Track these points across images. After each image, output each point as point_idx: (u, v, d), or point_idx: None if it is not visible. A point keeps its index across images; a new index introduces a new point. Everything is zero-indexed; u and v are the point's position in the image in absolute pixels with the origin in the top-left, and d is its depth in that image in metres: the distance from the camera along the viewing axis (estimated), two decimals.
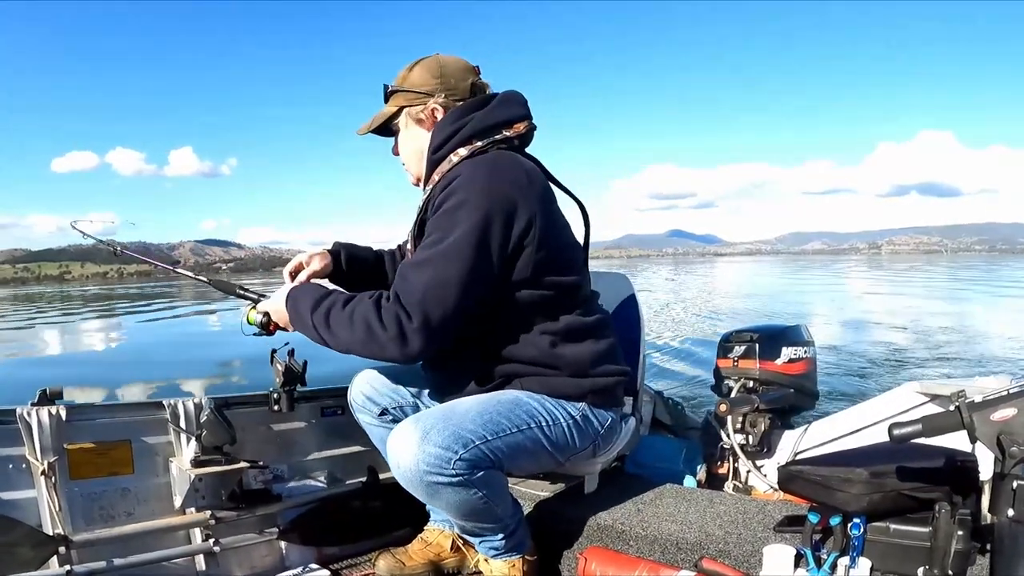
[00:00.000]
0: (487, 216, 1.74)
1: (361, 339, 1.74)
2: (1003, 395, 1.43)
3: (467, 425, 1.74)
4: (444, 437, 1.69)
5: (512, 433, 1.80)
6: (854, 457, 1.92)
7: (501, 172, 1.82)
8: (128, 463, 2.14)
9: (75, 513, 2.01)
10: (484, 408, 1.81)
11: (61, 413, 1.99)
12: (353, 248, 2.28)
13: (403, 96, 2.00)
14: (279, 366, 2.31)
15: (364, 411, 2.20)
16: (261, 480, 2.33)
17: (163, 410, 2.20)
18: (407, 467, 1.69)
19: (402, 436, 1.71)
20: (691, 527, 2.03)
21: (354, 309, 1.77)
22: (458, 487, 1.71)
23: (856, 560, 1.66)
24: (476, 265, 1.73)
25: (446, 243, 1.73)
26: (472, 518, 1.85)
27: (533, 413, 1.87)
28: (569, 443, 1.94)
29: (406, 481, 1.73)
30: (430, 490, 1.72)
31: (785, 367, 3.02)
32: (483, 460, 1.74)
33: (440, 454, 1.67)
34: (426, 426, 1.71)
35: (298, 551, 2.35)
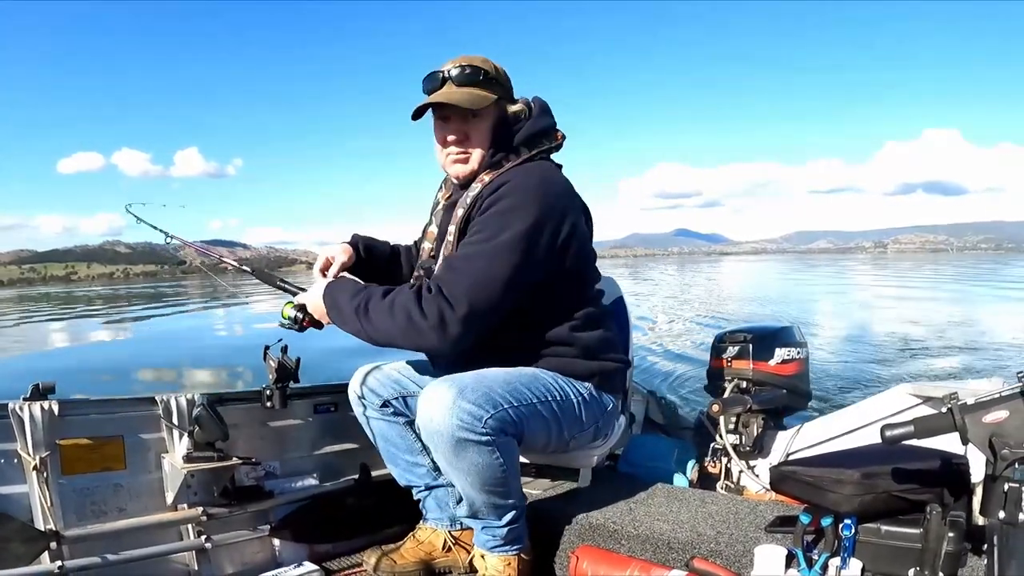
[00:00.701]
0: (538, 222, 1.84)
1: (401, 327, 1.79)
2: (995, 398, 1.43)
3: (496, 389, 1.82)
4: (477, 396, 1.76)
5: (532, 403, 1.89)
6: (846, 458, 1.92)
7: (551, 182, 1.96)
8: (120, 459, 2.13)
9: (67, 509, 2.00)
10: (510, 377, 1.91)
11: (53, 408, 1.98)
12: (370, 240, 2.33)
13: (502, 88, 2.03)
14: (272, 363, 2.31)
15: (366, 403, 2.20)
16: (253, 477, 2.33)
17: (156, 406, 2.19)
18: (440, 422, 1.74)
19: (436, 392, 1.78)
20: (683, 527, 2.04)
21: (394, 299, 1.82)
22: (484, 447, 1.77)
23: (847, 561, 1.67)
24: (522, 266, 1.82)
25: (497, 241, 1.81)
26: (487, 488, 1.87)
27: (549, 387, 1.97)
28: (577, 420, 2.04)
29: (436, 436, 1.77)
30: (458, 448, 1.76)
31: (778, 368, 3.02)
32: (508, 425, 1.81)
33: (474, 411, 1.74)
34: (461, 384, 1.78)
35: (290, 548, 2.35)
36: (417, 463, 2.20)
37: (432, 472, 2.20)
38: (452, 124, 2.00)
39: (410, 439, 2.19)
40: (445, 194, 2.19)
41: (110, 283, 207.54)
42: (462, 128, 2.00)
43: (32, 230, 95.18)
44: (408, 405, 2.16)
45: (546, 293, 1.94)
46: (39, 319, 28.06)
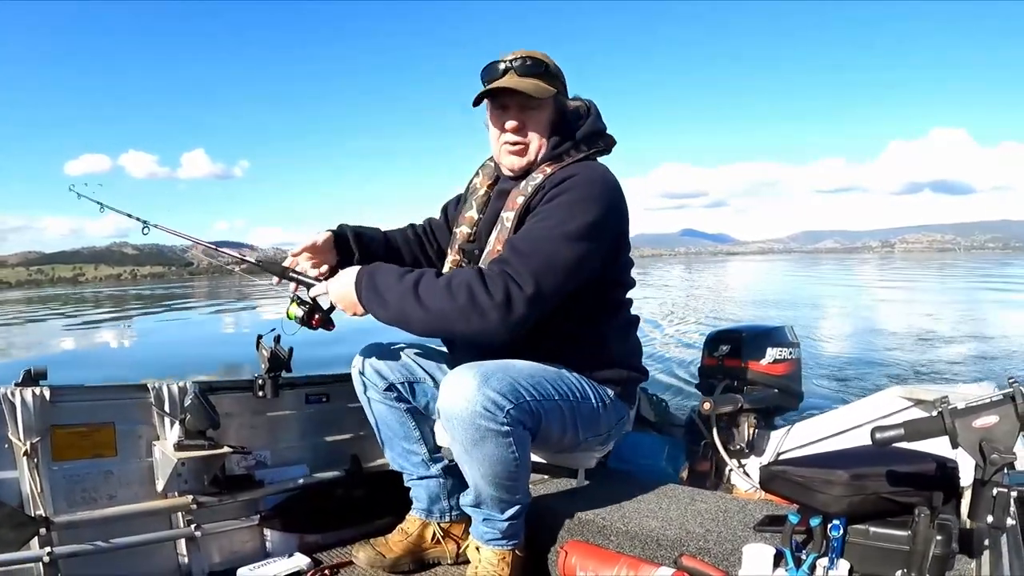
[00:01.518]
0: (604, 215, 1.87)
1: (461, 307, 1.73)
2: (986, 402, 1.44)
3: (521, 380, 1.80)
4: (503, 385, 1.75)
5: (554, 399, 1.88)
6: (836, 459, 1.93)
7: (611, 183, 1.96)
8: (111, 445, 2.13)
9: (57, 495, 2.00)
10: (535, 371, 1.89)
11: (45, 394, 1.98)
12: (360, 228, 2.27)
13: (559, 83, 2.04)
14: (265, 352, 2.31)
15: (370, 385, 2.17)
16: (244, 466, 2.34)
17: (147, 393, 2.19)
18: (462, 407, 1.72)
19: (461, 377, 1.75)
20: (672, 524, 2.04)
21: (451, 278, 1.80)
22: (502, 439, 1.76)
23: (835, 561, 1.67)
24: (586, 255, 1.84)
25: (565, 229, 1.82)
26: (498, 480, 1.86)
27: (573, 387, 1.96)
28: (594, 424, 2.04)
29: (457, 420, 1.75)
30: (477, 435, 1.75)
31: (770, 367, 3.03)
32: (528, 418, 1.80)
33: (497, 400, 1.72)
34: (486, 372, 1.76)
35: (279, 537, 2.35)
36: (413, 451, 2.20)
37: (426, 463, 2.21)
38: (511, 112, 2.00)
39: (409, 426, 2.18)
40: (485, 181, 2.18)
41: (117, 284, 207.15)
42: (520, 117, 2.00)
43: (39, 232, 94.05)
44: (414, 391, 2.15)
45: (588, 293, 1.94)
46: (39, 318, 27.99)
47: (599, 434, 2.10)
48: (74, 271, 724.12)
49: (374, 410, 2.20)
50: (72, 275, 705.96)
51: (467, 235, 2.15)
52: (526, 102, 1.97)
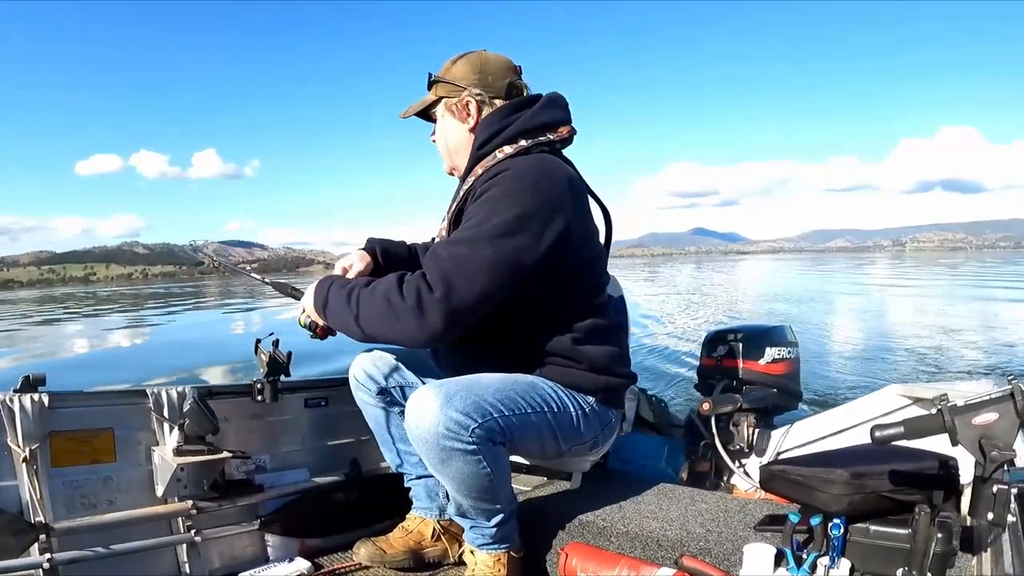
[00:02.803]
0: (528, 211, 1.79)
1: (379, 311, 1.75)
2: (985, 400, 1.44)
3: (487, 397, 1.77)
4: (466, 404, 1.72)
5: (526, 412, 1.85)
6: (835, 458, 1.93)
7: (546, 174, 1.88)
8: (110, 451, 2.12)
9: (56, 501, 1.99)
10: (504, 384, 1.85)
11: (44, 400, 1.98)
12: (387, 243, 2.30)
13: (443, 87, 2.06)
14: (263, 356, 2.31)
15: (363, 389, 2.20)
16: (243, 470, 2.33)
17: (146, 398, 2.19)
18: (426, 429, 1.71)
19: (424, 398, 1.74)
20: (672, 524, 2.04)
21: (376, 285, 1.80)
22: (470, 456, 1.74)
23: (836, 560, 1.67)
24: (508, 253, 1.76)
25: (482, 227, 1.78)
26: (473, 495, 1.86)
27: (547, 398, 1.92)
28: (574, 433, 2.00)
29: (422, 442, 1.75)
30: (443, 455, 1.74)
31: (768, 367, 3.03)
32: (497, 434, 1.78)
33: (461, 420, 1.70)
34: (449, 391, 1.74)
35: (280, 542, 2.34)
36: (410, 452, 2.20)
37: (424, 463, 2.20)
38: (435, 125, 2.13)
39: (404, 428, 2.17)
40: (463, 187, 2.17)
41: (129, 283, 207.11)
42: (434, 129, 2.14)
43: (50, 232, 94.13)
44: (405, 395, 2.14)
45: (546, 298, 1.90)
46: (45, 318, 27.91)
47: (583, 442, 2.06)
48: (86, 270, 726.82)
49: (370, 413, 2.23)
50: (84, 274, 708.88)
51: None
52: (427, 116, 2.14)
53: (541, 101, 2.04)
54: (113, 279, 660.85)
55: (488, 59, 2.05)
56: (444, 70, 2.06)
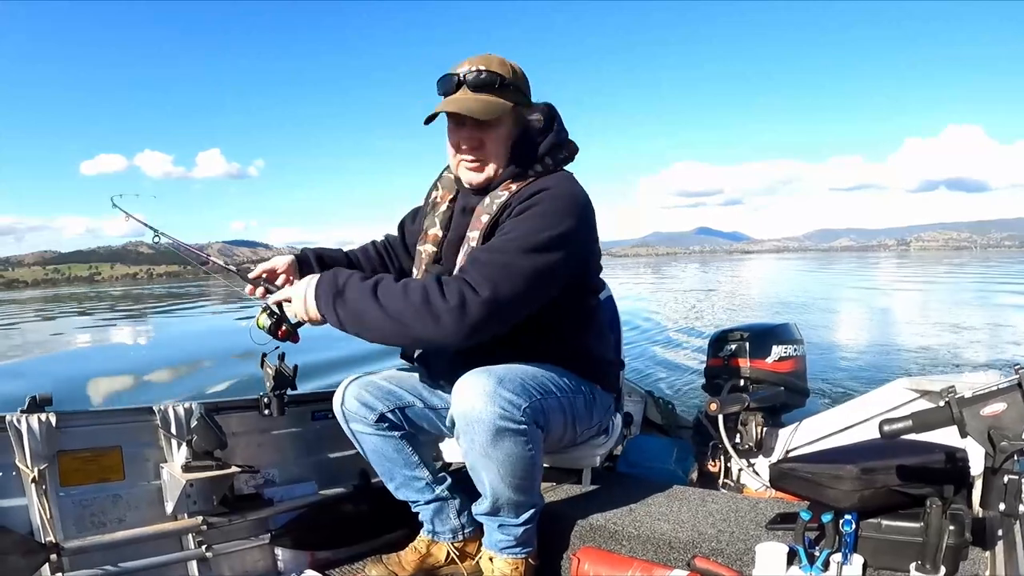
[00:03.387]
0: (567, 230, 1.82)
1: (415, 308, 1.67)
2: (992, 390, 1.44)
3: (528, 380, 1.84)
4: (516, 386, 1.78)
5: (555, 395, 1.92)
6: (844, 454, 1.92)
7: (579, 195, 1.92)
8: (119, 469, 2.12)
9: (66, 520, 1.99)
10: (536, 371, 1.92)
11: (51, 420, 1.98)
12: (322, 250, 2.26)
13: (519, 94, 1.96)
14: (269, 370, 2.31)
15: (358, 419, 2.12)
16: (252, 485, 2.33)
17: (153, 416, 2.19)
18: (481, 409, 1.74)
19: (475, 381, 1.77)
20: (683, 526, 2.04)
21: (408, 282, 1.76)
22: (520, 437, 1.78)
23: (848, 556, 1.67)
24: (549, 267, 1.79)
25: (529, 240, 1.78)
26: (516, 482, 1.87)
27: (565, 383, 1.99)
28: (587, 416, 2.09)
29: (476, 423, 1.76)
30: (496, 436, 1.76)
31: (775, 365, 3.03)
32: (539, 416, 1.83)
33: (513, 400, 1.75)
34: (498, 374, 1.78)
35: (290, 556, 2.34)
36: (416, 476, 2.17)
37: (431, 485, 2.18)
38: (466, 130, 1.93)
39: (407, 452, 2.15)
40: (446, 195, 2.14)
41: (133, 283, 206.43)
42: (476, 135, 1.93)
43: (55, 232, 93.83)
44: (407, 417, 2.13)
45: (561, 300, 1.92)
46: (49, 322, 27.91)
47: (592, 425, 2.15)
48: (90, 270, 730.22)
49: (368, 443, 2.16)
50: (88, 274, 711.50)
51: (432, 254, 2.10)
52: (465, 123, 1.93)
53: (557, 120, 2.04)
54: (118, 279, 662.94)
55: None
56: (508, 72, 1.93)
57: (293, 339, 1.97)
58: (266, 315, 1.94)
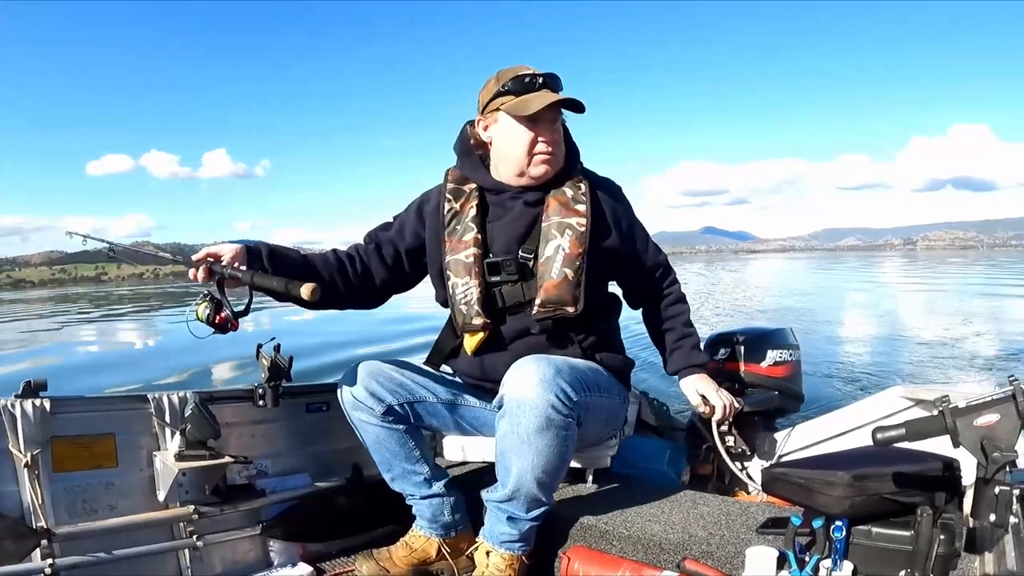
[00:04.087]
0: None
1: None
2: (986, 401, 1.44)
3: (580, 376, 1.89)
4: (573, 378, 1.83)
5: (599, 394, 2.00)
6: (837, 460, 1.92)
7: None
8: (112, 456, 2.13)
9: (58, 506, 2.00)
10: (587, 367, 2.02)
11: (45, 405, 1.98)
12: (276, 247, 2.12)
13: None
14: (265, 361, 2.31)
15: (364, 409, 2.12)
16: (245, 475, 2.33)
17: (147, 404, 2.19)
18: (536, 394, 1.78)
19: (535, 367, 1.82)
20: (674, 528, 2.04)
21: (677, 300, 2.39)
22: (563, 430, 1.82)
23: (838, 563, 1.67)
24: None
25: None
26: (544, 473, 1.88)
27: (606, 383, 2.08)
28: (617, 417, 2.22)
29: (527, 409, 1.80)
30: (544, 424, 1.79)
31: (770, 370, 3.03)
32: (583, 411, 1.88)
33: (568, 392, 1.80)
34: (557, 364, 1.84)
35: (281, 547, 2.34)
36: (414, 471, 2.18)
37: (429, 481, 2.20)
38: (555, 124, 2.10)
39: (409, 446, 2.16)
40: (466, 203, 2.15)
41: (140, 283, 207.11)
42: (560, 130, 2.12)
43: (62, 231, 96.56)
44: (415, 412, 2.15)
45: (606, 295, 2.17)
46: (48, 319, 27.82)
47: (617, 428, 2.29)
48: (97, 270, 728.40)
49: (371, 434, 2.15)
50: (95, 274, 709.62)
51: (478, 255, 2.09)
52: (557, 115, 2.09)
53: None
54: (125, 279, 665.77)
55: None
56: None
57: (232, 327, 1.92)
58: (205, 304, 1.90)
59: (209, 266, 1.92)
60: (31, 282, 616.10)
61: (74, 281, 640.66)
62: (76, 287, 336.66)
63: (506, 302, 2.11)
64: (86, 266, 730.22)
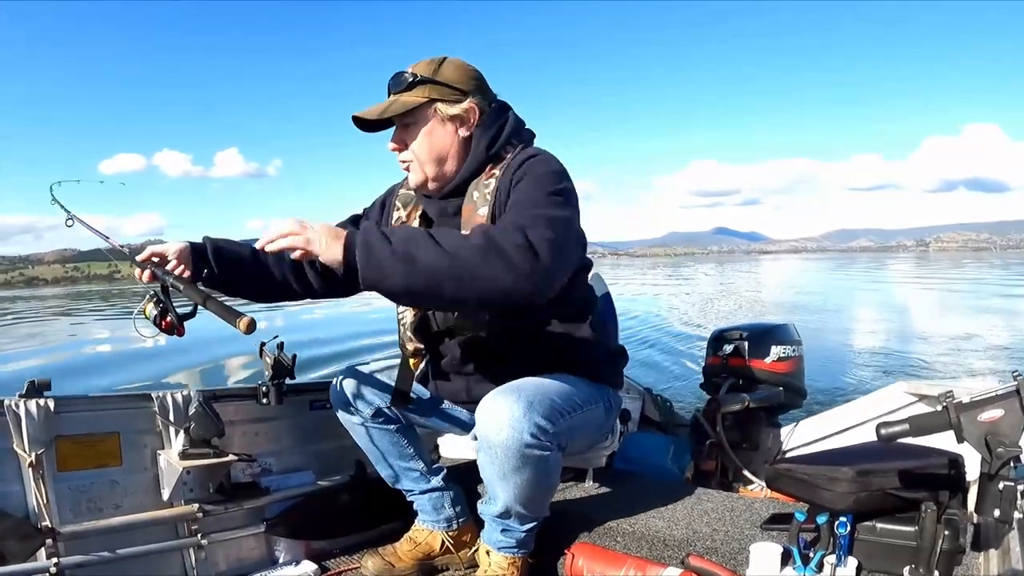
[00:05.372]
0: (569, 188, 1.73)
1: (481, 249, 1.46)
2: (991, 396, 1.44)
3: (556, 400, 1.75)
4: (546, 409, 1.69)
5: (579, 411, 1.85)
6: (841, 456, 1.93)
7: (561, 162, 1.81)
8: (116, 455, 2.13)
9: (63, 505, 2.00)
10: (560, 386, 1.83)
11: (49, 405, 1.98)
12: (225, 242, 2.01)
13: (435, 89, 1.83)
14: (268, 359, 2.31)
15: (353, 411, 2.12)
16: (249, 473, 2.33)
17: (151, 402, 2.19)
18: (508, 435, 1.64)
19: (505, 404, 1.65)
20: (678, 524, 2.04)
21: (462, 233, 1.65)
22: (543, 463, 1.71)
23: (843, 558, 1.67)
24: (571, 218, 1.67)
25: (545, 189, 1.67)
26: (531, 499, 1.81)
27: (586, 395, 1.91)
28: (606, 424, 2.07)
29: (500, 450, 1.66)
30: (520, 462, 1.67)
31: (774, 365, 3.03)
32: (563, 438, 1.75)
33: (543, 425, 1.66)
34: (528, 396, 1.67)
35: (285, 545, 2.34)
36: (410, 468, 2.19)
37: (425, 476, 2.20)
38: (395, 133, 1.90)
39: (402, 445, 2.16)
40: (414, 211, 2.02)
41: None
42: (401, 136, 1.88)
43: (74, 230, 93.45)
44: (404, 413, 2.14)
45: (568, 297, 1.85)
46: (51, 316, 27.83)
47: (608, 431, 2.17)
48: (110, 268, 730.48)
49: (360, 435, 2.16)
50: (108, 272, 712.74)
51: None
52: (400, 120, 1.86)
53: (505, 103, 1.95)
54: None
55: (471, 67, 1.91)
56: (430, 70, 1.84)
57: (178, 332, 1.82)
58: (152, 304, 1.82)
59: (152, 269, 1.82)
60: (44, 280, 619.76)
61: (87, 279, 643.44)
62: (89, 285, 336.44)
63: (439, 326, 2.01)
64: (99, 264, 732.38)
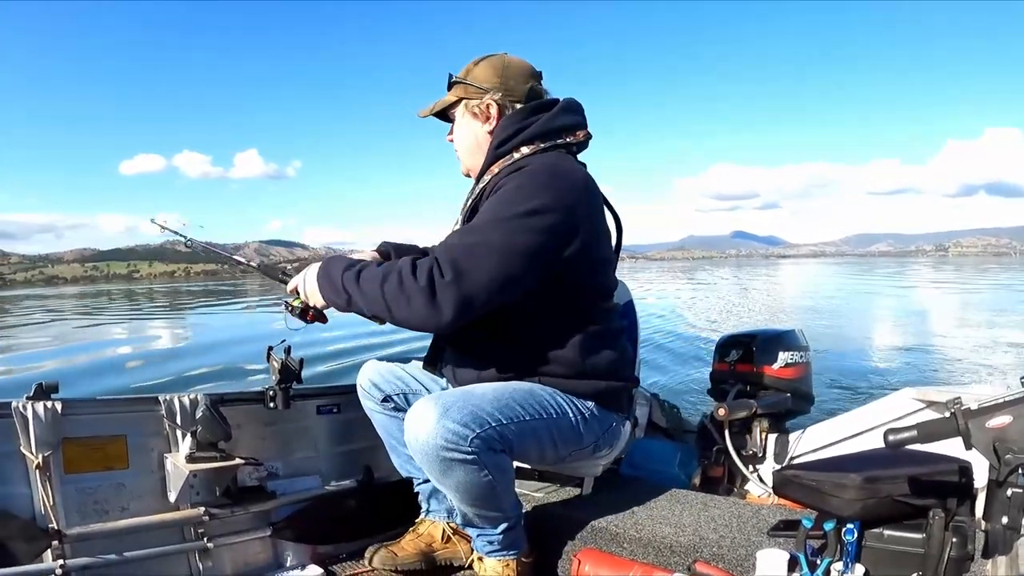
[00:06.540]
0: (542, 205, 1.80)
1: (392, 291, 1.74)
2: (999, 403, 1.43)
3: (484, 407, 1.78)
4: (463, 415, 1.73)
5: (525, 420, 1.85)
6: (848, 462, 1.92)
7: (562, 171, 1.91)
8: (123, 458, 2.13)
9: (69, 508, 2.00)
10: (501, 393, 1.86)
11: (57, 407, 1.98)
12: (401, 246, 2.32)
13: (463, 88, 2.08)
14: (275, 363, 2.31)
15: (368, 397, 2.24)
16: (256, 477, 2.33)
17: (159, 406, 2.19)
18: (424, 441, 1.72)
19: (421, 411, 1.75)
20: (685, 530, 2.03)
21: (388, 267, 1.80)
22: (471, 466, 1.75)
23: (850, 565, 1.66)
24: (520, 243, 1.77)
25: (497, 217, 1.80)
26: (478, 503, 1.86)
27: (545, 404, 1.92)
28: (573, 438, 2.00)
29: (422, 454, 1.75)
30: (444, 466, 1.75)
31: (782, 371, 3.02)
32: (496, 442, 1.78)
33: (458, 431, 1.71)
34: (445, 403, 1.75)
35: (292, 549, 2.34)
36: None
37: None
38: (452, 125, 2.15)
39: None
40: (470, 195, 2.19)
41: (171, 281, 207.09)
42: (451, 130, 2.16)
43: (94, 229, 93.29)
44: (409, 402, 2.15)
45: (551, 297, 1.89)
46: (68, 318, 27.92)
47: (583, 447, 2.05)
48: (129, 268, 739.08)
49: (377, 420, 2.27)
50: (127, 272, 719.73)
51: None
52: (443, 116, 2.18)
53: (559, 105, 2.05)
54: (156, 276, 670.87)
55: (510, 63, 2.08)
56: (465, 72, 2.09)
57: (321, 319, 2.08)
58: (297, 300, 2.02)
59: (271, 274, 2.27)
60: (64, 279, 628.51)
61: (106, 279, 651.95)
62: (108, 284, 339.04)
63: None
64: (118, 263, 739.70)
